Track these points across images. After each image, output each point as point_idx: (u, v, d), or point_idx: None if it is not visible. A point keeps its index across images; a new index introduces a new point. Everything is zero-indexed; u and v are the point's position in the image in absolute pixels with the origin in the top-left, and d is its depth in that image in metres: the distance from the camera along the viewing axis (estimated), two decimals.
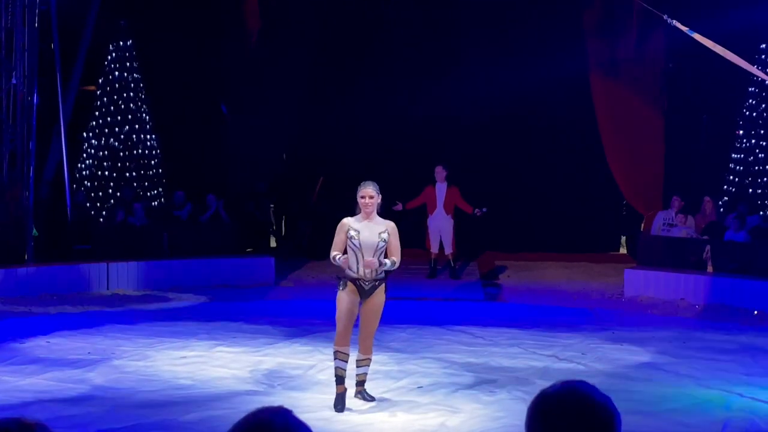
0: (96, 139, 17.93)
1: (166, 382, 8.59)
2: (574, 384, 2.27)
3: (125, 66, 17.97)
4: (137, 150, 18.00)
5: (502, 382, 8.57)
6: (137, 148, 18.00)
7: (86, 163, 17.92)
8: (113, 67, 17.95)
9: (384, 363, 9.13)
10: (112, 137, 17.88)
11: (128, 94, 17.93)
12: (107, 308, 12.88)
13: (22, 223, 14.44)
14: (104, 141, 17.90)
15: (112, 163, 17.89)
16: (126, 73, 17.96)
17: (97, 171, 17.86)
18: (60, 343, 10.28)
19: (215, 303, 13.52)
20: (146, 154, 18.15)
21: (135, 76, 18.05)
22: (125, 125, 17.92)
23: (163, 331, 10.99)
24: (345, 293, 7.54)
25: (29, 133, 14.64)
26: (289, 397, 7.95)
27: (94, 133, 17.92)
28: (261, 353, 9.83)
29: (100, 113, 17.92)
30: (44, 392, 8.14)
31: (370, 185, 7.59)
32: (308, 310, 12.59)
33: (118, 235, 15.72)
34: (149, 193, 18.09)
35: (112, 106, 17.90)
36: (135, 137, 17.99)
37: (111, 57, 17.95)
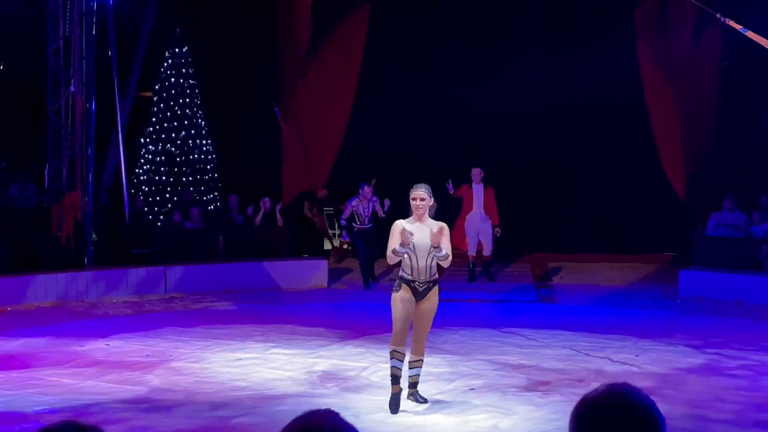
0: (153, 144, 18.23)
1: (222, 383, 8.71)
2: (617, 387, 2.23)
3: (181, 72, 18.24)
4: (193, 155, 18.26)
5: (554, 384, 8.55)
6: (193, 153, 18.27)
7: (143, 168, 18.23)
8: (169, 73, 18.23)
9: (436, 365, 9.16)
10: (168, 142, 18.16)
11: (184, 99, 18.20)
12: (164, 311, 13.09)
13: (82, 228, 14.74)
14: (161, 146, 18.20)
15: (168, 168, 18.17)
16: (182, 79, 18.23)
17: (154, 176, 18.16)
18: (119, 346, 10.47)
19: (270, 305, 13.66)
20: (202, 158, 18.40)
21: (191, 82, 18.32)
22: (181, 130, 18.19)
23: (219, 334, 11.14)
24: (400, 295, 7.58)
25: (88, 139, 14.92)
26: (343, 398, 8.02)
27: (151, 138, 18.23)
28: (315, 355, 9.91)
29: (156, 119, 18.22)
30: (103, 394, 8.28)
31: (422, 188, 7.64)
32: (361, 313, 12.69)
33: (175, 239, 15.95)
34: (205, 197, 18.34)
35: (168, 111, 18.18)
36: (191, 142, 18.26)
37: (167, 63, 18.24)
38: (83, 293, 13.79)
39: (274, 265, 15.54)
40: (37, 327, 11.65)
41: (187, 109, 18.23)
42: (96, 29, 15.03)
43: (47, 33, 14.89)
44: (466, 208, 15.59)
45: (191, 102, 18.29)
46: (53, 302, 13.44)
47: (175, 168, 18.18)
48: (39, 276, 13.82)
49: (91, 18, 14.94)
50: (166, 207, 17.81)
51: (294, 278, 15.42)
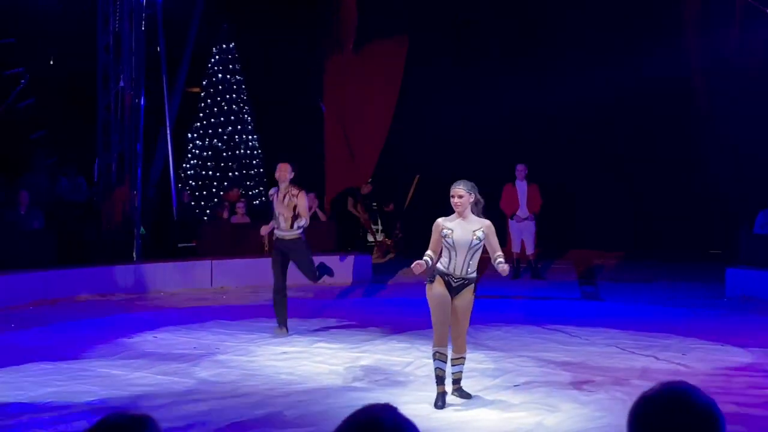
0: (200, 139, 18.43)
1: (268, 377, 8.78)
2: (676, 385, 2.23)
3: (228, 68, 18.42)
4: (240, 150, 18.43)
5: (599, 381, 8.51)
6: (240, 149, 18.44)
7: (191, 163, 18.44)
8: (216, 69, 18.42)
9: (480, 361, 9.17)
10: (215, 138, 18.35)
11: (231, 95, 18.39)
12: (211, 304, 13.24)
13: (130, 221, 14.96)
14: (208, 141, 18.39)
15: (215, 163, 18.36)
16: (228, 75, 18.41)
17: (201, 171, 18.36)
18: (166, 339, 10.61)
19: (314, 300, 13.75)
20: (248, 153, 18.57)
21: (237, 78, 18.49)
22: (228, 126, 18.38)
23: (265, 327, 11.24)
24: (434, 288, 7.58)
25: (137, 134, 15.14)
26: (387, 393, 8.05)
27: (198, 134, 18.43)
28: (359, 350, 9.96)
29: (204, 114, 18.41)
30: (152, 386, 8.39)
31: (461, 184, 7.61)
32: (405, 308, 12.73)
33: (221, 233, 16.12)
34: (251, 192, 18.50)
35: (215, 107, 18.38)
36: (237, 137, 18.43)
37: (214, 59, 18.42)
38: (131, 286, 14.00)
39: (318, 259, 15.56)
40: (86, 319, 11.87)
41: (233, 105, 18.41)
42: (145, 25, 15.22)
43: (97, 29, 15.12)
44: (512, 205, 15.55)
45: (238, 98, 18.47)
46: (102, 295, 13.65)
47: (221, 163, 18.36)
48: (88, 269, 14.07)
49: (140, 14, 15.15)
50: (212, 202, 18.00)
51: (338, 273, 15.44)
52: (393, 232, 18.78)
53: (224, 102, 18.40)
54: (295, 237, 10.95)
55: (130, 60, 15.01)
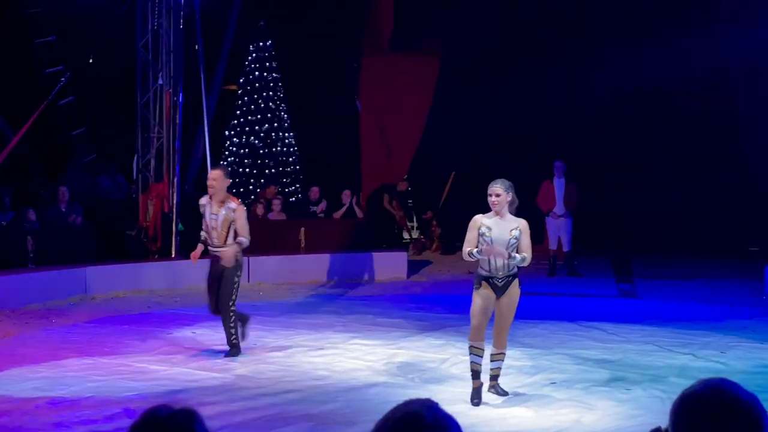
0: (237, 137, 18.56)
1: (305, 372, 8.82)
2: (718, 382, 2.21)
3: (264, 65, 18.53)
4: (276, 147, 18.54)
5: (637, 379, 8.46)
6: (276, 146, 18.54)
7: (228, 160, 18.57)
8: (253, 66, 18.53)
9: (517, 358, 9.15)
10: (252, 135, 18.47)
11: (267, 92, 18.49)
12: (248, 301, 13.29)
13: (169, 218, 15.09)
14: (245, 139, 18.51)
15: (252, 160, 18.48)
16: (265, 73, 18.51)
17: (238, 168, 18.49)
18: (205, 334, 10.68)
19: (350, 297, 13.79)
20: (284, 151, 18.67)
21: (274, 75, 18.58)
22: (265, 123, 18.50)
23: (301, 324, 11.30)
24: (480, 292, 7.59)
25: (175, 131, 15.27)
26: (424, 389, 8.06)
27: (235, 131, 18.56)
28: (395, 346, 9.98)
29: (241, 112, 18.54)
30: (191, 381, 8.46)
31: (498, 183, 7.60)
32: (441, 305, 12.73)
33: (258, 230, 16.18)
34: (287, 189, 18.60)
35: (252, 105, 18.51)
36: (274, 135, 18.54)
37: (251, 57, 18.53)
38: (170, 282, 14.11)
39: (354, 256, 15.70)
40: (126, 315, 11.99)
41: (270, 103, 18.52)
42: (183, 23, 15.35)
43: (136, 27, 15.27)
44: (549, 202, 15.49)
45: (274, 95, 18.57)
46: (141, 291, 13.78)
47: (258, 160, 18.47)
48: (127, 265, 14.22)
49: (179, 12, 15.27)
50: (249, 198, 18.12)
51: (374, 270, 15.54)
52: (429, 228, 18.77)
53: (261, 99, 18.51)
54: None
55: (168, 58, 15.14)
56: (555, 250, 15.60)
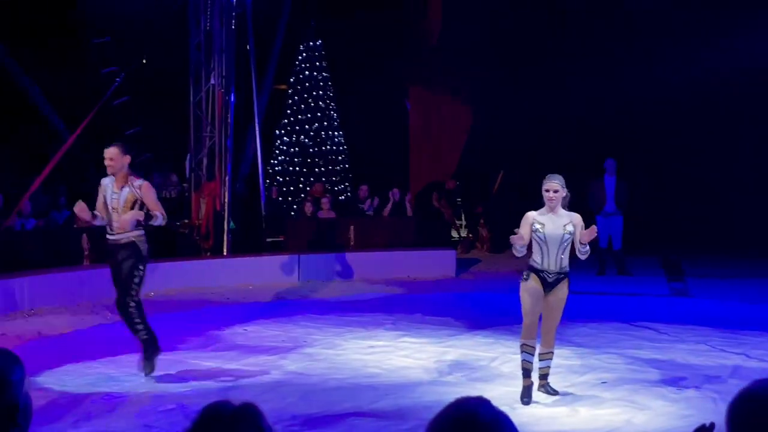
0: (287, 136, 18.72)
1: (355, 370, 8.89)
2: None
3: (314, 65, 18.65)
4: (326, 146, 18.66)
5: (689, 379, 8.39)
6: (326, 145, 18.66)
7: (278, 159, 18.74)
8: (303, 66, 18.66)
9: (567, 357, 9.13)
10: (302, 134, 18.62)
11: (317, 92, 18.61)
12: (298, 298, 13.43)
13: (221, 216, 15.28)
14: (295, 138, 18.66)
15: (302, 159, 18.62)
16: (315, 72, 18.63)
17: (288, 167, 18.65)
18: (256, 331, 10.81)
19: (399, 294, 13.83)
20: (334, 150, 18.78)
21: (324, 75, 18.70)
22: (315, 122, 18.62)
23: (351, 321, 11.38)
24: (529, 285, 7.57)
25: (227, 130, 15.45)
26: (473, 388, 8.07)
27: (285, 130, 18.72)
28: (445, 344, 10.00)
29: (291, 111, 18.69)
30: (243, 377, 8.56)
31: (555, 179, 7.57)
32: (489, 303, 12.73)
33: (308, 228, 16.34)
34: (336, 187, 18.71)
35: (302, 104, 18.64)
36: (323, 134, 18.66)
37: (301, 57, 18.67)
38: (221, 280, 14.28)
39: (402, 254, 15.75)
40: (178, 312, 12.16)
41: (320, 102, 18.63)
42: (235, 23, 15.51)
43: (189, 28, 15.46)
44: (599, 200, 15.39)
45: (324, 94, 18.68)
46: (193, 288, 13.95)
47: (308, 159, 18.61)
48: (180, 262, 14.42)
49: (231, 13, 15.43)
50: (299, 197, 18.26)
51: (422, 268, 15.57)
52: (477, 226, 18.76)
53: (311, 99, 18.65)
54: (129, 240, 8.40)
55: (220, 58, 15.31)
56: (605, 248, 15.50)
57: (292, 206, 18.19)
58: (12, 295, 11.87)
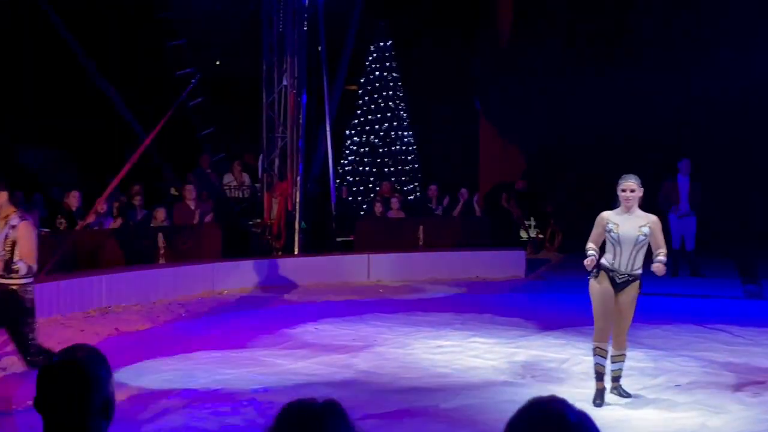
0: (357, 136, 18.84)
1: (424, 369, 8.93)
2: None
3: (384, 65, 18.74)
4: (395, 146, 18.74)
5: (766, 383, 8.26)
6: (395, 144, 18.74)
7: (348, 159, 18.88)
8: (374, 66, 18.76)
9: (639, 360, 9.04)
10: (372, 134, 18.72)
11: (387, 92, 18.70)
12: (368, 298, 13.52)
13: (292, 216, 15.46)
14: (365, 138, 18.78)
15: (371, 158, 18.73)
16: (385, 72, 18.72)
17: (358, 167, 18.77)
18: (326, 330, 10.92)
19: (468, 295, 13.84)
20: (403, 149, 18.85)
21: (394, 75, 18.78)
22: (384, 122, 18.71)
23: (420, 321, 11.42)
24: (598, 284, 7.50)
25: (298, 131, 15.62)
26: (544, 389, 8.03)
27: (355, 130, 18.85)
28: (514, 345, 9.99)
29: (361, 111, 18.81)
30: (314, 375, 8.67)
31: (632, 178, 7.49)
32: (560, 304, 12.65)
33: (377, 227, 16.43)
34: (405, 187, 18.78)
35: (372, 104, 18.75)
36: (393, 134, 18.74)
37: (372, 57, 18.78)
38: (292, 278, 14.46)
39: (472, 254, 15.75)
40: (251, 310, 12.35)
41: (389, 102, 18.72)
42: (307, 25, 15.66)
43: (262, 30, 15.66)
44: (672, 200, 15.20)
45: (394, 94, 18.76)
46: (265, 286, 14.16)
47: (377, 159, 18.71)
48: (252, 261, 14.62)
49: (303, 14, 15.58)
50: (368, 197, 18.36)
51: (491, 268, 15.56)
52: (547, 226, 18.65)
53: (380, 99, 18.75)
54: (11, 287, 7.25)
55: (293, 59, 15.47)
56: (677, 249, 15.30)
57: (362, 206, 18.31)
58: (90, 292, 12.18)
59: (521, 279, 15.38)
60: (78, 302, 11.89)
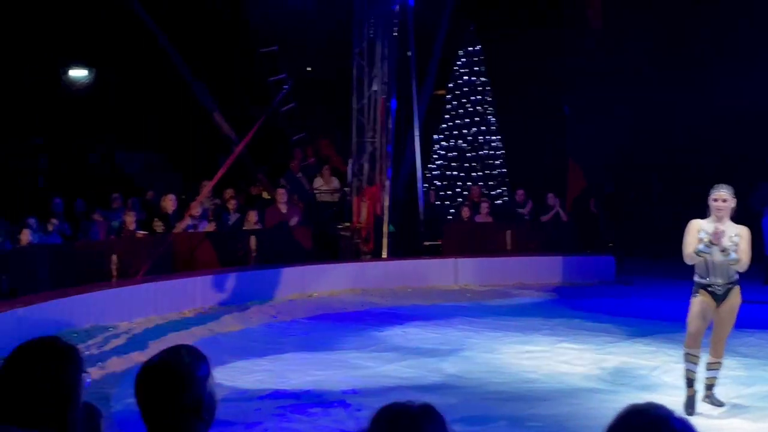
0: (445, 140, 18.91)
1: (513, 374, 8.94)
2: None
3: (473, 70, 18.76)
4: (483, 151, 18.74)
5: None
6: (483, 149, 18.74)
7: (436, 163, 18.95)
8: (462, 71, 18.81)
9: (733, 368, 8.88)
10: (460, 139, 18.76)
11: (475, 96, 18.71)
12: (455, 302, 13.56)
13: (381, 220, 15.60)
14: (453, 142, 18.83)
15: (459, 163, 18.77)
16: (474, 77, 18.74)
17: (445, 171, 18.83)
18: (414, 333, 11.01)
19: (556, 299, 13.76)
20: (491, 154, 18.84)
21: (482, 80, 18.79)
22: (472, 127, 18.73)
23: (508, 326, 11.42)
24: (698, 299, 7.44)
25: (387, 136, 15.76)
26: (635, 396, 7.94)
27: (443, 135, 18.91)
28: (604, 351, 9.91)
29: (449, 116, 18.87)
30: (403, 378, 8.75)
31: (724, 188, 7.40)
32: (650, 310, 12.49)
33: (465, 232, 16.45)
34: (492, 192, 18.75)
35: (460, 109, 18.78)
36: (481, 138, 18.75)
37: (460, 62, 18.82)
38: (381, 282, 14.58)
39: (560, 259, 15.65)
40: (341, 312, 12.53)
41: (478, 106, 18.73)
42: (396, 31, 15.78)
43: (352, 36, 15.86)
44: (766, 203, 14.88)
45: (482, 99, 18.77)
46: (353, 289, 14.31)
47: (465, 163, 18.74)
48: (341, 264, 14.82)
49: (392, 20, 15.71)
50: (456, 201, 18.40)
51: (580, 273, 15.44)
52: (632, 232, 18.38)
53: (469, 103, 18.77)
54: None
55: (382, 65, 15.61)
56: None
57: (449, 210, 18.35)
58: (185, 293, 12.52)
59: (610, 284, 15.21)
60: (174, 303, 12.22)
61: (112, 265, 12.46)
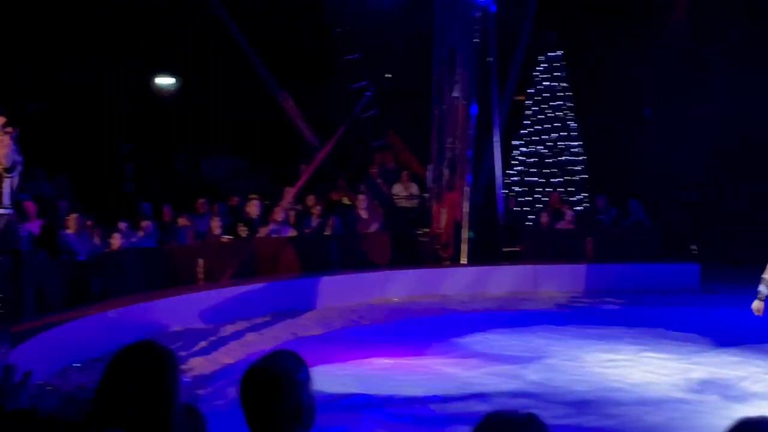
0: (525, 146, 18.85)
1: (596, 383, 8.87)
2: None
3: (554, 76, 18.66)
4: (563, 156, 18.62)
5: None
6: (563, 155, 18.63)
7: (516, 169, 18.90)
8: (543, 77, 18.73)
9: None
10: (539, 144, 18.68)
11: (556, 102, 18.62)
12: (536, 308, 13.49)
13: (460, 226, 15.62)
14: (533, 148, 18.76)
15: (539, 169, 18.69)
16: (554, 83, 18.65)
17: (525, 177, 18.77)
18: (495, 340, 10.99)
19: (639, 308, 13.57)
20: (571, 160, 18.70)
21: (563, 85, 18.68)
22: (552, 133, 18.63)
23: (591, 334, 11.31)
24: None
25: (467, 142, 15.78)
26: (725, 408, 7.83)
27: (523, 140, 18.86)
28: (689, 361, 9.77)
29: (529, 122, 18.81)
30: (484, 385, 8.74)
31: None
32: (736, 319, 12.24)
33: (545, 238, 16.36)
34: (573, 197, 18.62)
35: (540, 114, 18.71)
36: (561, 144, 18.63)
37: (541, 68, 18.75)
38: (461, 287, 14.60)
39: (643, 267, 15.44)
40: (422, 317, 12.57)
41: (558, 112, 18.62)
42: (478, 37, 15.78)
43: (433, 43, 15.91)
44: None
45: (563, 104, 18.66)
46: (433, 295, 14.34)
47: (544, 169, 18.65)
48: (421, 270, 14.88)
49: (474, 27, 15.72)
50: (536, 207, 18.31)
51: (663, 281, 15.21)
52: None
53: (549, 109, 18.69)
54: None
55: (464, 71, 15.64)
56: None
57: (528, 216, 18.28)
58: (269, 297, 12.72)
59: (695, 292, 14.96)
60: (259, 307, 12.42)
61: (199, 269, 12.72)
